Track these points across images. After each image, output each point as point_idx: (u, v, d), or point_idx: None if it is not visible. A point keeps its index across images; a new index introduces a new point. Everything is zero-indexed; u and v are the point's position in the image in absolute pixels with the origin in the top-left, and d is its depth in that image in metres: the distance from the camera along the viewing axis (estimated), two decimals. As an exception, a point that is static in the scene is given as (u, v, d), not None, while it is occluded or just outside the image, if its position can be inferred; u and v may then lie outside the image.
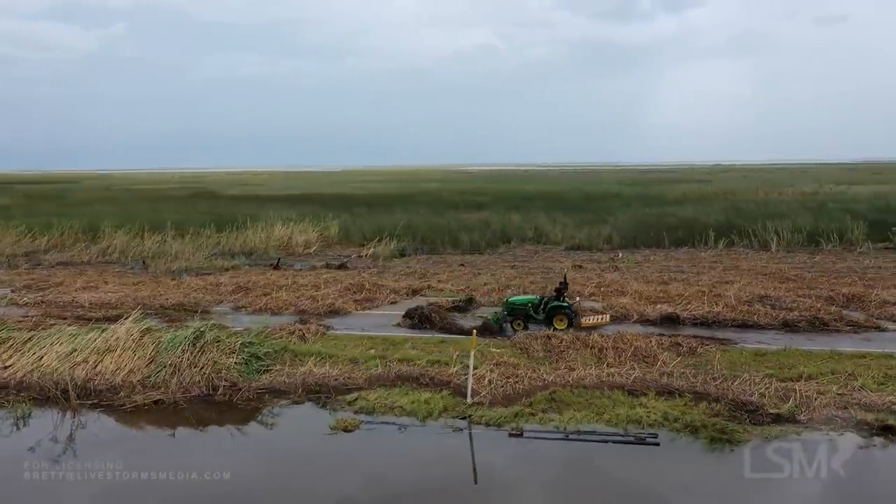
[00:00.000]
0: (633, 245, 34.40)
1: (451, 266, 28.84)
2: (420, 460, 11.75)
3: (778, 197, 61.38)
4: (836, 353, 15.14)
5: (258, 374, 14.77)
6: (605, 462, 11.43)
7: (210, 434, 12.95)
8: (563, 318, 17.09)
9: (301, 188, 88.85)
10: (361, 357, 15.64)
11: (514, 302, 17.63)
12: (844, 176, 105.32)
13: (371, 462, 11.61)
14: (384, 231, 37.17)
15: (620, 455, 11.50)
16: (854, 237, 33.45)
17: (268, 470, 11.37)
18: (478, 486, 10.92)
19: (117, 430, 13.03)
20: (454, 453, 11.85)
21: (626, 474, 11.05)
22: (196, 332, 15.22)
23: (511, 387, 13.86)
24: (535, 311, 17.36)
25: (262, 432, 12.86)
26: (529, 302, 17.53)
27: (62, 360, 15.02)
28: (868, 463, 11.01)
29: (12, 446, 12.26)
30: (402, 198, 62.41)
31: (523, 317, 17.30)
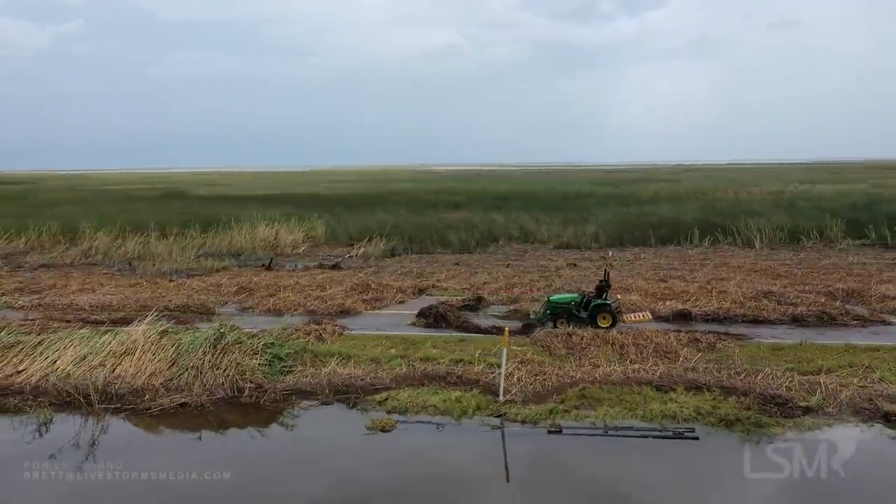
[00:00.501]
0: (620, 244, 34.81)
1: (446, 265, 28.83)
2: (462, 458, 11.72)
3: (748, 196, 62.57)
4: (850, 346, 15.55)
5: (281, 376, 14.58)
6: (646, 457, 11.52)
7: (244, 436, 12.72)
8: (606, 316, 17.13)
9: (272, 188, 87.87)
10: (383, 357, 15.55)
11: (557, 300, 17.64)
12: (804, 175, 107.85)
13: (413, 461, 11.61)
14: (370, 231, 37.02)
15: (661, 450, 11.62)
16: (833, 234, 34.35)
17: (314, 471, 11.28)
18: (524, 483, 10.96)
19: (145, 434, 12.77)
20: (495, 451, 11.87)
21: (670, 469, 11.18)
22: (216, 333, 14.97)
23: (540, 384, 13.92)
24: (577, 309, 17.37)
25: (298, 434, 12.71)
26: (572, 300, 17.55)
27: (77, 364, 14.64)
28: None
29: (36, 452, 11.89)
30: (378, 198, 62.13)
31: (566, 315, 17.28)
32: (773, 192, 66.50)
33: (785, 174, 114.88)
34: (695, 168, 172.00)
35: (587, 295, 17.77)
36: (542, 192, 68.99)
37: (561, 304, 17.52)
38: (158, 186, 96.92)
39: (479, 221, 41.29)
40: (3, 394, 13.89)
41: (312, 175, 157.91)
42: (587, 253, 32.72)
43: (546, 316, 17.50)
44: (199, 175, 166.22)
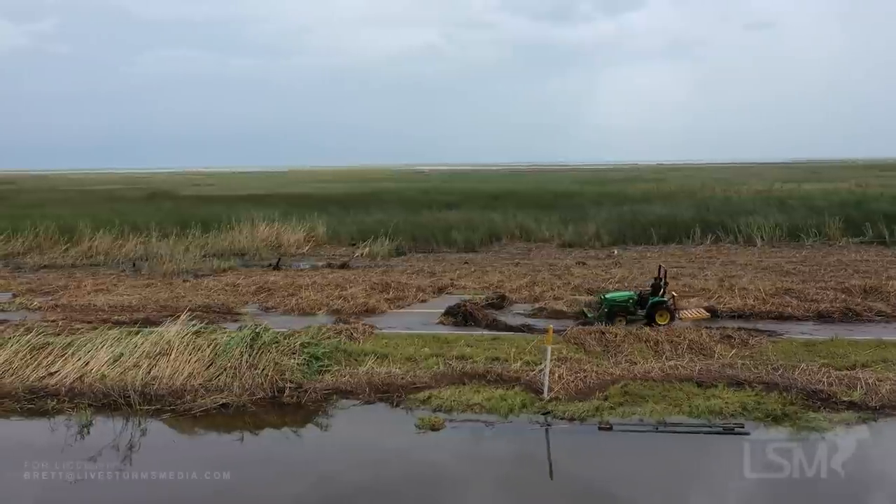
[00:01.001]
0: (623, 242, 34.95)
1: (454, 264, 28.75)
2: (515, 455, 11.76)
3: (737, 194, 63.28)
4: (881, 342, 15.76)
5: (318, 375, 14.47)
6: (700, 452, 11.61)
7: (292, 436, 12.63)
8: (664, 314, 17.27)
9: (259, 188, 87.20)
10: (418, 355, 15.50)
11: (615, 298, 17.75)
12: (782, 174, 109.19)
13: (468, 459, 11.60)
14: (370, 230, 36.87)
15: (714, 445, 11.69)
16: (831, 233, 34.80)
17: (373, 470, 11.20)
18: (581, 479, 11.02)
19: (192, 435, 12.61)
20: (547, 448, 11.87)
21: (725, 463, 11.25)
22: (251, 333, 14.82)
23: (581, 381, 13.96)
24: (635, 307, 17.52)
25: (349, 433, 12.67)
26: (630, 298, 17.70)
27: (111, 365, 14.43)
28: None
29: (78, 454, 11.70)
30: (370, 197, 61.90)
31: (624, 313, 17.38)
32: (760, 191, 67.29)
33: (764, 173, 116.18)
34: (675, 167, 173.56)
35: (643, 293, 17.89)
36: (533, 191, 69.17)
37: (619, 301, 17.61)
38: (141, 187, 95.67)
39: (479, 220, 41.27)
40: (39, 396, 13.64)
41: (296, 175, 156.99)
42: (592, 251, 32.80)
43: (603, 314, 17.51)
44: (182, 175, 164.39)
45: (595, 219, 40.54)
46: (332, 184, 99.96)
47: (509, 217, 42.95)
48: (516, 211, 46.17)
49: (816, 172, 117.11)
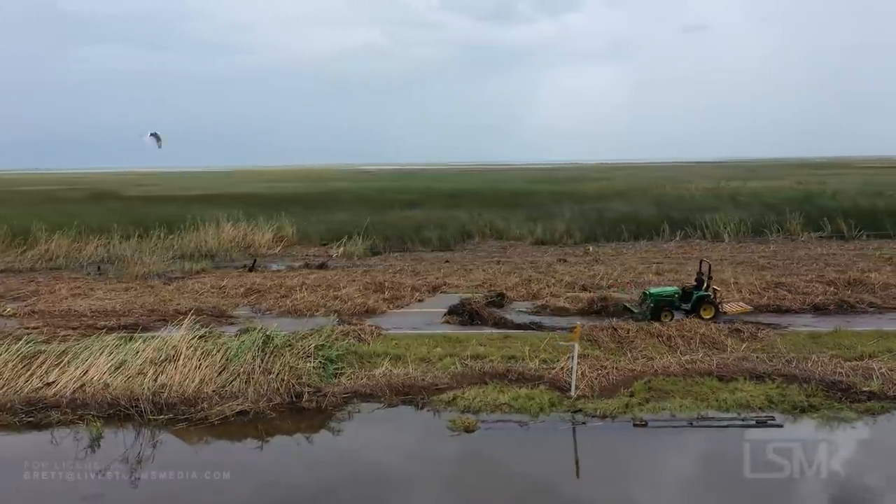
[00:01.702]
0: (595, 239, 35.25)
1: (435, 263, 28.44)
2: (556, 454, 11.53)
3: (686, 192, 64.78)
4: (881, 332, 16.20)
5: (334, 378, 13.97)
6: (736, 446, 11.58)
7: (322, 441, 12.11)
8: (709, 308, 17.37)
9: (208, 188, 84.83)
10: (431, 356, 15.15)
11: (661, 293, 17.75)
12: (723, 173, 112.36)
13: (509, 459, 11.35)
14: (339, 230, 36.33)
15: (748, 438, 11.69)
16: (793, 228, 35.91)
17: (416, 472, 10.88)
18: (629, 476, 10.88)
19: (213, 444, 11.97)
20: (590, 445, 11.72)
21: (763, 457, 11.27)
22: (263, 336, 14.21)
23: (604, 378, 13.87)
24: (680, 301, 17.61)
25: (379, 436, 12.23)
26: (675, 293, 17.76)
27: (113, 374, 13.60)
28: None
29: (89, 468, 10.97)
30: (327, 196, 61.00)
31: (670, 308, 17.42)
32: (709, 189, 68.99)
33: (704, 172, 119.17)
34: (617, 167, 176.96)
35: (687, 287, 18.00)
36: (490, 190, 69.31)
37: (665, 296, 17.64)
38: (81, 188, 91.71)
39: (447, 219, 41.06)
40: (38, 408, 12.72)
41: (241, 175, 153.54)
42: (567, 248, 32.98)
43: (649, 309, 17.49)
44: (121, 176, 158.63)
45: (560, 217, 40.89)
46: (282, 184, 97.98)
47: (475, 216, 42.92)
48: (480, 210, 46.19)
49: (753, 171, 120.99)
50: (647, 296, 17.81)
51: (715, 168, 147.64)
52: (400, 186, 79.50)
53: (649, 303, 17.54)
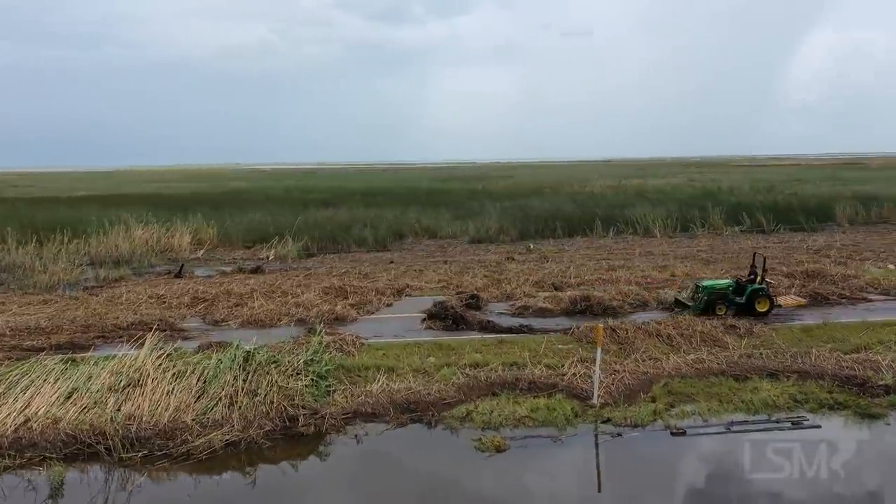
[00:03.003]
0: (530, 237, 34.80)
1: (378, 264, 26.88)
2: (604, 469, 10.53)
3: (599, 190, 66.06)
4: (867, 323, 16.31)
5: (328, 397, 12.36)
6: (782, 451, 10.99)
7: (337, 473, 10.51)
8: (764, 301, 17.07)
9: (93, 189, 78.61)
10: (426, 366, 13.85)
11: (715, 286, 17.39)
12: (614, 171, 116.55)
13: (551, 478, 10.26)
14: (260, 231, 34.17)
15: (791, 441, 11.15)
16: (716, 223, 36.92)
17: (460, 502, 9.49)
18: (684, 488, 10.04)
19: (203, 486, 10.08)
20: (631, 458, 10.77)
21: (811, 460, 10.74)
22: (242, 353, 12.36)
23: (619, 382, 13.03)
24: (734, 294, 17.28)
25: (401, 462, 10.76)
26: (729, 286, 17.43)
27: (63, 405, 11.37)
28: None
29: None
30: (231, 196, 57.75)
31: (724, 301, 17.09)
32: (612, 186, 70.74)
33: (598, 171, 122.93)
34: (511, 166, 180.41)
35: (741, 280, 17.64)
36: (403, 188, 68.05)
37: (718, 289, 17.22)
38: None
39: (371, 218, 39.47)
40: (-29, 452, 10.35)
41: (124, 176, 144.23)
42: (506, 247, 32.20)
43: (702, 302, 17.04)
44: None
45: (485, 215, 40.25)
46: (174, 184, 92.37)
47: (399, 214, 41.68)
48: (401, 209, 44.95)
49: (643, 170, 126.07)
50: (699, 288, 17.43)
51: (605, 167, 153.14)
52: (306, 186, 76.93)
53: (703, 296, 17.14)
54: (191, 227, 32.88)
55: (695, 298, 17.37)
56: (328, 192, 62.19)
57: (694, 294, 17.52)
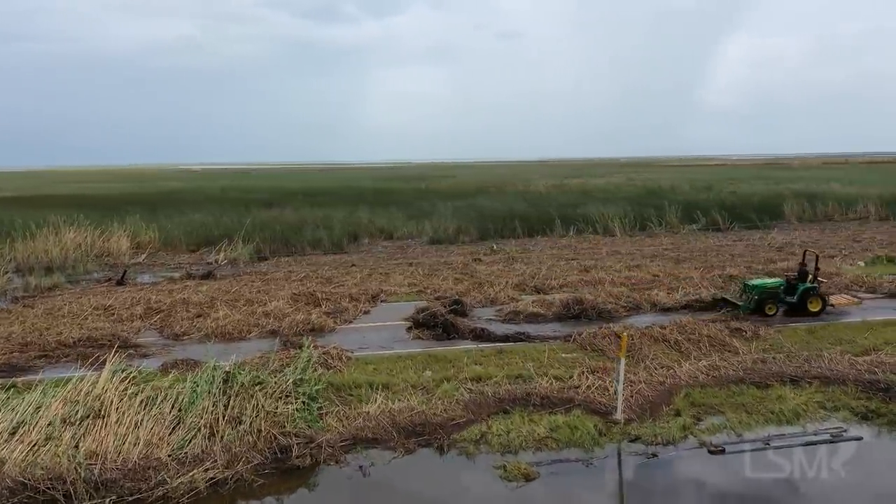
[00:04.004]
0: (489, 237, 33.80)
1: (339, 267, 25.26)
2: (645, 495, 9.42)
3: (544, 189, 65.76)
4: (867, 323, 15.86)
5: (321, 421, 10.86)
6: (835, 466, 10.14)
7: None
8: (816, 301, 16.60)
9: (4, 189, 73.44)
10: (424, 382, 12.51)
11: (764, 285, 16.85)
12: (552, 171, 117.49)
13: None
14: (203, 233, 32.07)
15: (842, 457, 10.31)
16: (672, 221, 36.76)
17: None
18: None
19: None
20: (675, 481, 9.72)
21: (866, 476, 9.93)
22: (223, 374, 10.72)
23: (638, 394, 12.03)
24: (786, 294, 16.85)
25: (420, 499, 9.33)
26: (779, 285, 16.91)
27: (8, 445, 9.52)
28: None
29: None
30: (166, 198, 54.71)
31: (774, 300, 16.62)
32: (556, 186, 70.70)
33: (536, 170, 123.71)
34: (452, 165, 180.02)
35: (791, 279, 17.12)
36: (349, 188, 66.27)
37: (768, 289, 16.66)
38: None
39: (321, 219, 37.74)
40: None
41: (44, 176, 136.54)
42: (468, 247, 31.05)
43: (753, 301, 16.49)
44: None
45: (438, 214, 39.12)
46: (97, 185, 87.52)
47: (349, 214, 40.14)
48: (349, 209, 43.40)
49: (579, 170, 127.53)
50: (749, 287, 16.90)
51: (542, 167, 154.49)
52: (243, 185, 74.19)
53: (753, 295, 16.59)
54: (128, 230, 30.36)
55: (743, 298, 16.88)
56: (269, 192, 59.97)
57: (742, 293, 17.03)
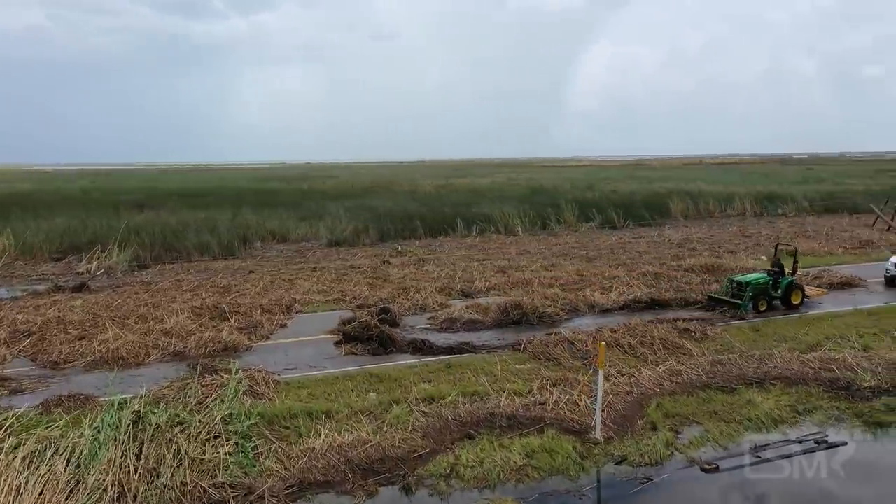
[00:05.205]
0: (391, 237, 32.21)
1: (237, 275, 22.70)
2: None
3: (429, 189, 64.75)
4: (804, 319, 15.76)
5: (256, 464, 8.95)
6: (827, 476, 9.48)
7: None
8: (797, 293, 16.58)
9: None
10: (370, 407, 10.84)
11: (757, 282, 16.35)
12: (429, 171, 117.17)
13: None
14: (69, 239, 28.27)
15: (834, 465, 9.66)
16: (569, 219, 36.73)
17: None
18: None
19: None
20: None
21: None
22: (133, 413, 8.57)
23: (609, 408, 10.97)
24: (772, 289, 16.49)
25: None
26: (767, 281, 16.46)
27: None
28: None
29: None
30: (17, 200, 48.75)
31: (764, 295, 16.28)
32: (443, 186, 70.04)
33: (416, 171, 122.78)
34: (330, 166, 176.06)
35: (773, 274, 16.72)
36: (227, 189, 62.32)
37: (760, 285, 16.25)
38: None
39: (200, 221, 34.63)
40: None
41: None
42: (370, 249, 29.28)
43: (749, 299, 16.05)
44: None
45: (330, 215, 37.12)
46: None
47: (234, 216, 37.25)
48: (232, 211, 40.40)
49: (459, 170, 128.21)
50: (741, 284, 16.41)
51: (422, 167, 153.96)
52: (108, 187, 68.22)
53: (748, 292, 16.12)
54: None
55: (735, 295, 16.45)
56: (139, 194, 55.08)
57: (734, 291, 16.57)
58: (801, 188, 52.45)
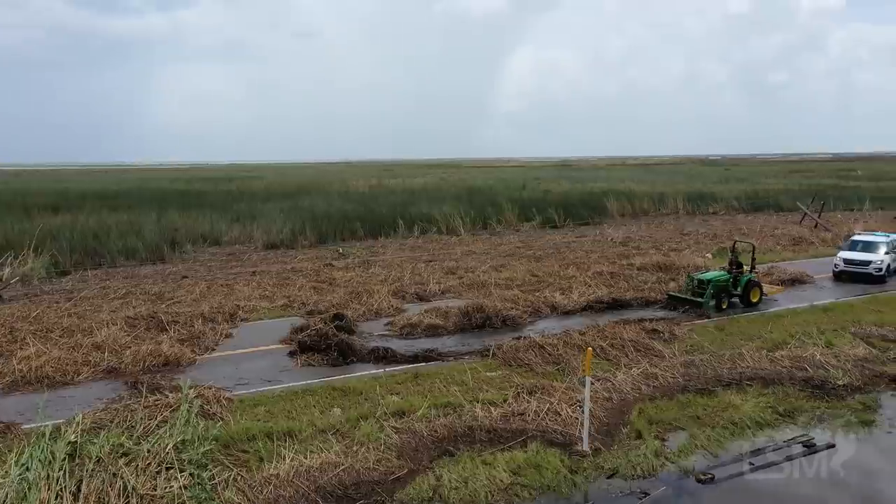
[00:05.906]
0: (331, 239, 30.99)
1: (167, 281, 21.19)
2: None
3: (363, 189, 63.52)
4: (765, 316, 15.68)
5: (215, 498, 7.89)
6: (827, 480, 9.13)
7: None
8: (756, 291, 16.44)
9: None
10: (337, 424, 9.88)
11: (718, 279, 16.14)
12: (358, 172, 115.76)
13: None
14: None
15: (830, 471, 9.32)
16: (510, 219, 36.38)
17: None
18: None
19: None
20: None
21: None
22: (68, 444, 7.38)
23: (592, 416, 10.31)
24: (732, 287, 16.31)
25: None
26: (727, 278, 16.24)
27: None
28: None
29: None
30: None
31: (726, 293, 16.13)
32: (375, 185, 69.02)
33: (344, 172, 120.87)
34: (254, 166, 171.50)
35: (731, 271, 16.56)
36: (150, 190, 59.33)
37: (721, 282, 16.09)
38: None
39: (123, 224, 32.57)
40: None
41: None
42: (310, 251, 28.02)
43: (710, 296, 15.82)
44: None
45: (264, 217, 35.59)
46: None
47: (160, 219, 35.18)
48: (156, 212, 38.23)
49: (389, 170, 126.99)
50: (702, 282, 16.13)
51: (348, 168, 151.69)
52: (14, 188, 63.61)
53: (710, 290, 15.88)
54: None
55: (696, 293, 16.20)
56: (52, 196, 51.53)
57: (696, 289, 16.31)
58: (724, 187, 53.99)
